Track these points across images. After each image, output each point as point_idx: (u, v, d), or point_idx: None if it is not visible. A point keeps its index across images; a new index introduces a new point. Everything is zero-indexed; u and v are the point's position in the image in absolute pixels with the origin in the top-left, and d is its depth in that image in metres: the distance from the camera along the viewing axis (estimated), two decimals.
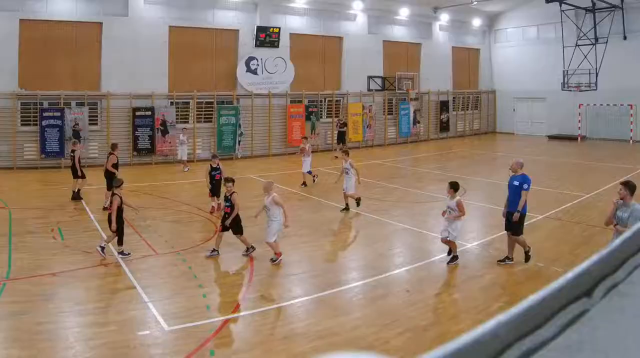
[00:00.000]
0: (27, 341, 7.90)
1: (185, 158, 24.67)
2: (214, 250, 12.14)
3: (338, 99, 32.88)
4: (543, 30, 38.44)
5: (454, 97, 39.35)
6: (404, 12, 35.43)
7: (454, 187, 11.48)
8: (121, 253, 11.84)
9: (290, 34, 30.84)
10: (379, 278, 10.82)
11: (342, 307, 9.51)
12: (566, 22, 34.01)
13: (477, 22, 40.53)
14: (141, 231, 14.01)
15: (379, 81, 34.85)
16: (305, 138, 22.55)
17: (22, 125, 23.83)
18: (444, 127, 38.55)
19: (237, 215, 12.08)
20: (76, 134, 24.20)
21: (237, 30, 29.05)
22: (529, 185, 11.32)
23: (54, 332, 8.32)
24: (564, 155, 29.76)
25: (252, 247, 12.14)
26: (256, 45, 29.39)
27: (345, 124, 30.43)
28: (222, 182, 14.37)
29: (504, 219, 11.58)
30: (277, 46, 29.91)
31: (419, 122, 36.53)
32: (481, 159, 29.38)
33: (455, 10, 37.60)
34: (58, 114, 23.98)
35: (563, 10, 33.65)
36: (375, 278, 10.59)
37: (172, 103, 27.06)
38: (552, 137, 37.53)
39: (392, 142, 35.29)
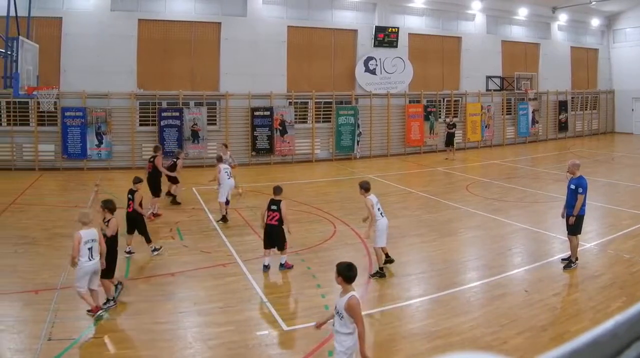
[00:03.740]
0: (146, 341, 6.21)
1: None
2: (109, 299, 7.21)
3: (457, 99, 25.40)
4: None
5: (572, 97, 30.18)
6: (522, 12, 27.08)
7: (343, 273, 4.84)
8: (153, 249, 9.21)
9: (409, 33, 23.64)
10: (498, 278, 8.36)
11: (460, 307, 7.23)
12: None
13: (595, 22, 30.93)
14: (260, 232, 10.56)
15: (497, 81, 26.66)
16: (220, 158, 12.39)
17: (140, 125, 18.63)
18: (563, 127, 29.44)
19: (115, 253, 7.30)
20: (194, 134, 18.94)
21: (356, 30, 22.40)
22: (584, 189, 8.52)
23: (173, 332, 6.50)
24: None
25: (113, 300, 7.18)
26: (375, 45, 22.60)
27: (454, 125, 22.32)
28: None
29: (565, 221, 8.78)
30: (396, 46, 22.97)
31: (537, 122, 27.98)
32: (600, 159, 21.87)
33: (574, 10, 28.58)
34: (177, 114, 18.60)
35: None
36: (493, 279, 8.24)
37: (290, 103, 20.89)
38: None
39: (511, 142, 27.04)
